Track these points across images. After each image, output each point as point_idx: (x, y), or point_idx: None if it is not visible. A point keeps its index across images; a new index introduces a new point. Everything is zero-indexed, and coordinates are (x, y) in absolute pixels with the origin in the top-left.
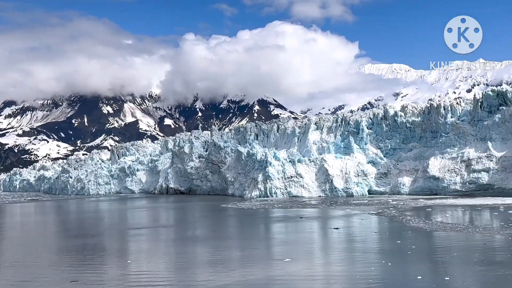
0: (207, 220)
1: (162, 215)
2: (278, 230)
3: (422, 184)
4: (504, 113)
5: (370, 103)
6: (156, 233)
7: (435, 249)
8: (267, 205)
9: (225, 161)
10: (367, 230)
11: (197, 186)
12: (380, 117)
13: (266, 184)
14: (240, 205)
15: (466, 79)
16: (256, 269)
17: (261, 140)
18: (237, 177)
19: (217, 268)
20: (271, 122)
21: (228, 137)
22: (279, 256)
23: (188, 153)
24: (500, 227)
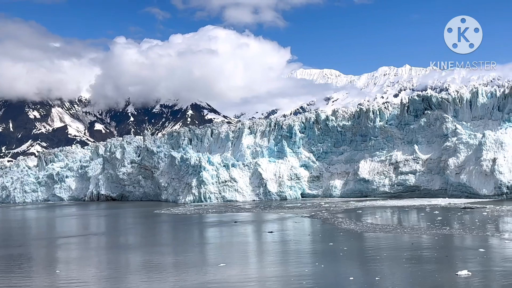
0: (140, 227)
1: (92, 222)
2: (213, 235)
3: (353, 186)
4: (429, 117)
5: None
6: (87, 241)
7: (366, 250)
8: (202, 210)
9: (158, 166)
10: (301, 232)
11: (130, 192)
12: (312, 121)
13: (200, 189)
14: (174, 211)
15: (393, 84)
16: (190, 275)
17: (195, 145)
18: (171, 183)
19: (150, 275)
20: (205, 126)
21: (161, 142)
22: (214, 261)
23: (120, 158)
24: (427, 227)
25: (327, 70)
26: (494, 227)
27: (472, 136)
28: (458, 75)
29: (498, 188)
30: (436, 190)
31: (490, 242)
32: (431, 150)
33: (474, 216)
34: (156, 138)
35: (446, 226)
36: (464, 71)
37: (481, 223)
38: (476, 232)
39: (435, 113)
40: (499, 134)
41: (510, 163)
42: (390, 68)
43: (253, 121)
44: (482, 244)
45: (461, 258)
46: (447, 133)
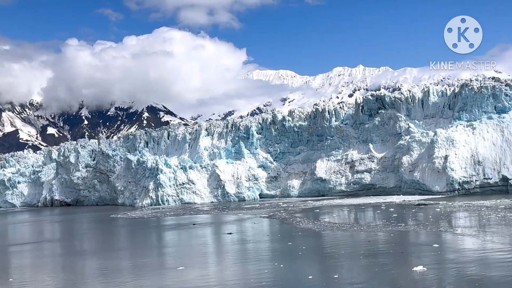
0: (96, 232)
1: (46, 229)
2: (171, 238)
3: (310, 186)
4: (383, 116)
5: (259, 109)
6: (41, 248)
7: (324, 248)
8: (159, 213)
9: (114, 170)
10: (260, 233)
11: (85, 197)
12: (269, 122)
13: (158, 192)
14: (131, 215)
15: (347, 84)
16: (148, 279)
17: (152, 148)
18: (127, 186)
19: (107, 281)
20: (161, 129)
21: (117, 145)
22: (173, 265)
23: (74, 163)
24: (383, 224)
25: (282, 71)
26: (447, 223)
27: (425, 134)
28: (410, 74)
29: (450, 184)
30: (391, 187)
31: (444, 238)
32: (386, 148)
33: (428, 213)
34: (111, 141)
35: (401, 223)
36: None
37: (435, 219)
38: (430, 228)
39: (389, 112)
40: (450, 132)
41: (461, 160)
42: (344, 69)
43: (210, 122)
44: (436, 239)
45: (416, 254)
46: (400, 132)
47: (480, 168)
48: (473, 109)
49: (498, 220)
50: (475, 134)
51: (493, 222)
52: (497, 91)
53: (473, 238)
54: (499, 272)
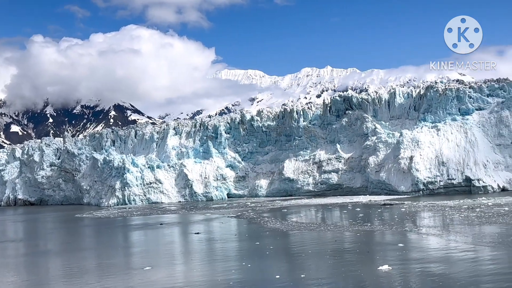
0: (60, 232)
1: (9, 228)
2: (138, 238)
3: (278, 186)
4: (350, 117)
5: (227, 108)
6: (3, 248)
7: (292, 248)
8: (126, 212)
9: (80, 169)
10: (227, 233)
11: (49, 196)
12: (238, 122)
13: (124, 191)
14: (97, 214)
15: (316, 85)
16: (114, 280)
17: (118, 147)
18: (93, 185)
19: (72, 281)
20: (129, 127)
21: (83, 143)
22: (139, 265)
23: (38, 161)
24: (349, 224)
25: (251, 71)
26: (412, 223)
27: (391, 135)
28: (377, 76)
29: (415, 184)
30: (358, 187)
31: (409, 237)
32: (353, 149)
33: (393, 212)
34: (77, 140)
35: (367, 222)
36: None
37: (400, 219)
38: (395, 228)
39: (356, 113)
40: (416, 133)
41: (425, 161)
42: (312, 69)
43: (178, 121)
44: (401, 239)
45: (382, 254)
46: (367, 133)
47: (444, 169)
48: (437, 111)
49: (461, 220)
50: (439, 135)
51: (456, 222)
52: (461, 94)
53: (437, 237)
54: (462, 271)
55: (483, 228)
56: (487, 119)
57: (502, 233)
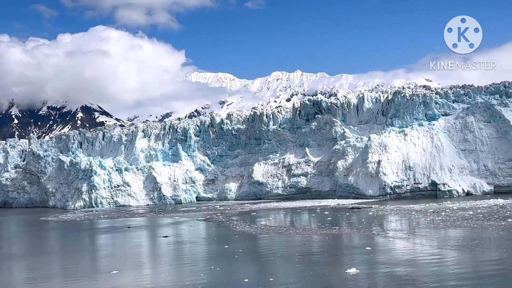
0: (25, 235)
1: None
2: (104, 241)
3: (248, 189)
4: (319, 121)
5: (197, 111)
6: None
7: (261, 251)
8: (93, 216)
9: (46, 171)
10: (196, 236)
11: (14, 198)
12: (207, 125)
13: (91, 194)
14: (63, 217)
15: (285, 89)
16: (80, 284)
17: (86, 149)
18: (59, 188)
19: (36, 286)
20: (96, 129)
21: (49, 145)
22: (106, 269)
23: (2, 163)
24: (317, 227)
25: (221, 74)
26: (379, 226)
27: (359, 140)
28: (346, 80)
29: (383, 188)
30: (326, 191)
31: (376, 241)
32: (322, 153)
33: (361, 216)
34: (43, 141)
35: (335, 226)
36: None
37: (367, 223)
38: (363, 232)
39: (325, 117)
40: (383, 137)
41: (393, 165)
42: (282, 73)
43: (147, 124)
44: (368, 242)
45: (350, 257)
46: (336, 137)
47: (411, 173)
48: (405, 116)
49: (427, 223)
50: (406, 140)
51: (422, 226)
52: (427, 99)
53: (404, 241)
54: (428, 273)
55: (448, 232)
56: (452, 125)
57: (466, 236)
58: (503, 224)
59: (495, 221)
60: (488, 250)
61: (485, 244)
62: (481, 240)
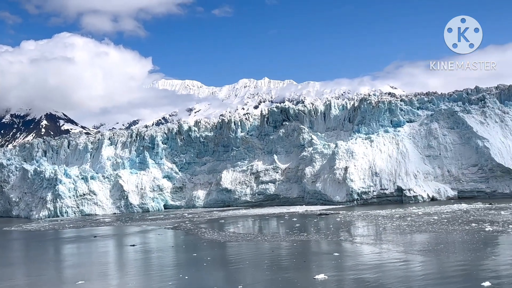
0: None
1: None
2: (70, 251)
3: (216, 196)
4: (287, 128)
5: (164, 118)
6: None
7: (229, 259)
8: (57, 225)
9: (9, 180)
10: (164, 244)
11: None
12: (175, 132)
13: (56, 203)
14: (26, 227)
15: (253, 96)
16: None
17: (50, 157)
18: (23, 197)
19: None
20: (61, 137)
21: (12, 154)
22: (71, 280)
23: None
24: (286, 234)
25: (189, 81)
26: (346, 232)
27: (326, 146)
28: (313, 88)
29: (350, 195)
30: (294, 198)
31: (344, 246)
32: (290, 159)
33: (329, 222)
34: (6, 150)
35: (303, 232)
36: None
37: (335, 229)
38: (331, 238)
39: (293, 124)
40: (350, 144)
41: (360, 172)
42: (250, 81)
43: (113, 131)
44: (336, 248)
45: (318, 263)
46: (303, 143)
47: (377, 179)
48: (371, 123)
49: (393, 228)
50: (373, 146)
51: (388, 231)
52: (393, 106)
53: (371, 246)
54: (394, 278)
55: (414, 237)
56: (417, 131)
57: (431, 241)
58: (467, 228)
59: (459, 225)
60: (453, 254)
61: (450, 249)
62: (446, 244)
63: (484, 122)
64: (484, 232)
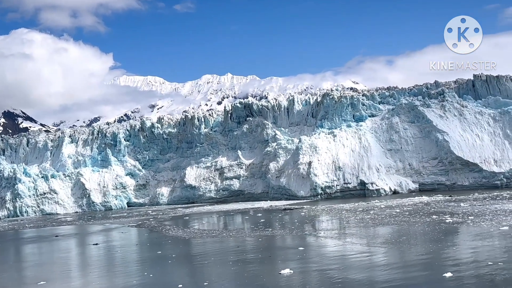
0: None
1: None
2: (31, 251)
3: (180, 193)
4: (251, 124)
5: (126, 115)
6: None
7: (194, 255)
8: (17, 225)
9: None
10: (128, 243)
11: None
12: (138, 129)
13: (16, 202)
14: None
15: (216, 92)
16: None
17: (9, 156)
18: None
19: None
20: (20, 135)
21: None
22: (33, 280)
23: None
24: (251, 229)
25: (151, 77)
26: (311, 226)
27: (290, 141)
28: (276, 83)
29: (314, 189)
30: (259, 193)
31: (308, 241)
32: (254, 155)
33: (293, 217)
34: None
35: (268, 227)
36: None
37: (300, 223)
38: (295, 232)
39: (256, 119)
40: (314, 139)
41: (323, 166)
42: (213, 76)
43: (74, 129)
44: (301, 243)
45: (283, 258)
46: (267, 139)
47: (340, 174)
48: (334, 118)
49: (356, 222)
50: (336, 141)
51: (352, 224)
52: (355, 101)
53: (335, 240)
54: (358, 271)
55: (377, 229)
56: (379, 125)
57: (394, 233)
58: (428, 220)
59: (420, 218)
60: (415, 246)
61: (412, 241)
62: (408, 236)
63: (444, 116)
64: (444, 224)
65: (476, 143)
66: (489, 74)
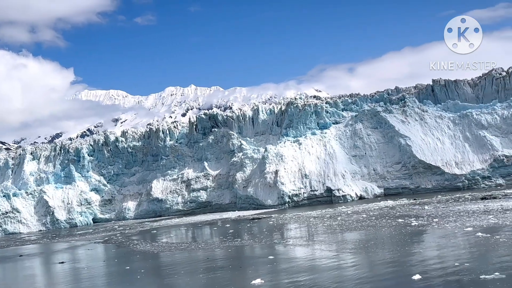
0: None
1: None
2: None
3: (147, 207)
4: (216, 135)
5: (89, 130)
6: None
7: (163, 269)
8: None
9: None
10: (95, 259)
11: None
12: (101, 144)
13: None
14: None
15: (180, 104)
16: None
17: None
18: None
19: None
20: None
21: None
22: None
23: None
24: (220, 240)
25: (113, 91)
26: (280, 235)
27: (256, 151)
28: (240, 93)
29: (281, 198)
30: (227, 204)
31: (278, 249)
32: (220, 166)
33: (262, 226)
34: None
35: (237, 238)
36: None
37: (269, 232)
38: (264, 241)
39: (222, 130)
40: (279, 147)
41: (290, 174)
42: (176, 88)
43: (35, 146)
44: (271, 252)
45: (254, 267)
46: (233, 149)
47: (307, 181)
48: (298, 126)
49: (324, 228)
50: (301, 149)
51: (320, 231)
52: (318, 109)
53: (304, 247)
54: (328, 278)
55: (344, 235)
56: (343, 132)
57: (362, 238)
58: (394, 224)
59: (386, 222)
60: (383, 250)
61: (379, 245)
62: (376, 241)
63: (405, 121)
64: (410, 227)
65: (437, 146)
66: (447, 79)
